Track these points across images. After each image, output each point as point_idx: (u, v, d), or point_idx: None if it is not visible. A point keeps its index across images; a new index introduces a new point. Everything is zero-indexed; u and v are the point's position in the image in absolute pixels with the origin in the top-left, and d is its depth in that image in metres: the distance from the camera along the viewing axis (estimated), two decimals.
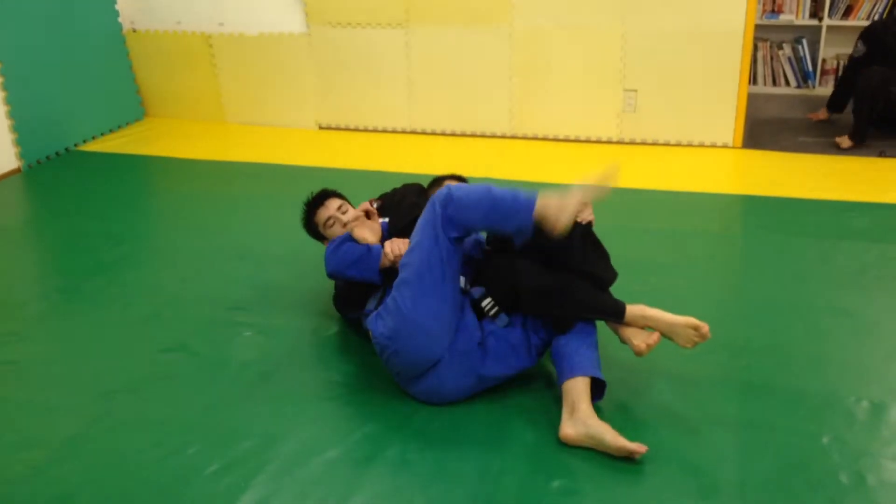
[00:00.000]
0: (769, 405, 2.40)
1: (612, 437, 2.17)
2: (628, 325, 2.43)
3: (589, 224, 2.56)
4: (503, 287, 2.48)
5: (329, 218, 2.94)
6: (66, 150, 5.20)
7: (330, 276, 2.73)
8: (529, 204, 2.25)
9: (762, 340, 2.77)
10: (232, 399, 2.56)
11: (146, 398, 2.58)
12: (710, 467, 2.15)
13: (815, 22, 6.00)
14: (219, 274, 3.47)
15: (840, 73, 5.82)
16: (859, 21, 5.90)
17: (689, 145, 4.92)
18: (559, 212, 2.21)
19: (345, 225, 2.91)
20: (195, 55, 5.60)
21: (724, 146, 4.86)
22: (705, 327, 2.33)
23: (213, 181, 4.73)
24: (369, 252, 2.61)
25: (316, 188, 3.06)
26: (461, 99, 5.22)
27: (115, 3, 5.47)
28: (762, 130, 5.14)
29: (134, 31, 5.66)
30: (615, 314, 2.43)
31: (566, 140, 5.13)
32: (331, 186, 3.08)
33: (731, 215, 4.08)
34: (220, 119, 5.75)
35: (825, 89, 6.13)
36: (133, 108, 5.77)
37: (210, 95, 5.69)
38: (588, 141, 5.09)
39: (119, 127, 5.63)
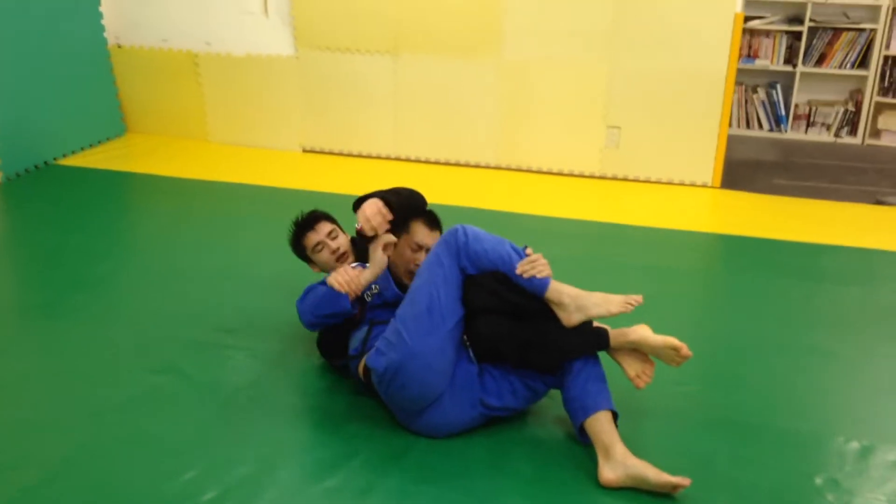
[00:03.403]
0: (761, 444, 2.45)
1: (654, 474, 2.18)
2: (615, 350, 2.46)
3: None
4: (483, 348, 2.46)
5: (318, 243, 2.91)
6: (46, 163, 5.13)
7: (310, 326, 2.69)
8: (542, 285, 2.35)
9: (751, 379, 2.83)
10: (225, 422, 2.54)
11: (137, 419, 2.54)
12: None
13: (789, 68, 6.17)
14: (204, 295, 3.44)
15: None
16: (832, 69, 6.09)
17: (670, 183, 5.01)
18: (578, 309, 2.34)
19: (333, 251, 2.90)
20: (180, 73, 5.57)
21: (704, 185, 4.97)
22: (684, 348, 2.37)
23: (195, 200, 4.71)
24: (331, 288, 2.59)
25: (300, 211, 3.02)
26: (447, 127, 5.26)
27: (101, 18, 5.44)
28: (738, 171, 5.25)
29: (119, 46, 5.63)
30: (598, 346, 2.44)
31: (549, 173, 5.19)
32: (308, 209, 3.04)
33: (712, 254, 4.17)
34: (202, 137, 5.72)
35: (797, 133, 6.31)
36: (114, 124, 5.71)
37: (194, 114, 5.66)
38: (571, 174, 5.16)
39: (99, 142, 5.58)
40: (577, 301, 2.34)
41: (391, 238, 2.62)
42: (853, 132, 6.23)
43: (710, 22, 4.66)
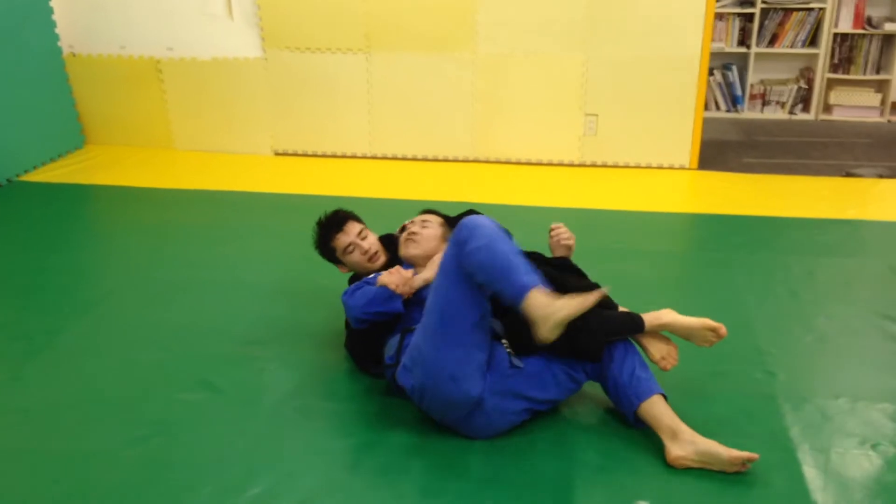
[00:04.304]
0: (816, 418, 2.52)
1: (724, 450, 2.21)
2: (646, 333, 2.49)
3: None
4: (520, 338, 2.41)
5: (350, 244, 2.87)
6: (8, 180, 4.90)
7: (357, 322, 2.62)
8: (523, 290, 2.15)
9: (782, 355, 2.89)
10: (276, 435, 2.47)
11: (183, 441, 2.45)
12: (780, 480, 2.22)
13: (743, 49, 6.34)
14: (214, 308, 3.34)
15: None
16: (784, 48, 6.28)
17: (649, 167, 5.10)
18: (545, 319, 2.11)
19: (365, 252, 2.86)
20: (142, 80, 5.39)
21: (682, 167, 5.06)
22: (723, 328, 2.43)
23: (171, 210, 4.56)
24: (384, 287, 2.56)
25: (278, 215, 2.98)
26: (423, 124, 5.23)
27: (54, 26, 5.21)
28: (706, 152, 5.37)
29: (74, 55, 5.41)
30: (634, 328, 2.47)
31: (528, 163, 5.22)
32: (290, 213, 2.99)
33: (698, 233, 4.24)
34: (167, 146, 5.55)
35: (753, 113, 6.48)
36: (73, 136, 5.49)
37: (158, 121, 5.49)
38: (550, 164, 5.20)
39: (59, 156, 5.35)
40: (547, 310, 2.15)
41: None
42: (806, 108, 6.44)
43: (681, 7, 4.74)
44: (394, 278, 2.53)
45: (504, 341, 2.43)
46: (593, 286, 2.48)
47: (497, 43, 4.97)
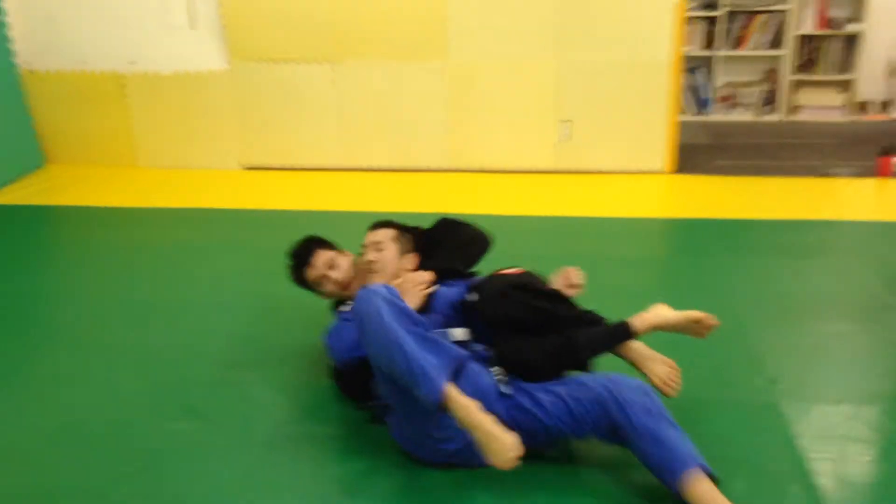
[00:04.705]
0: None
1: None
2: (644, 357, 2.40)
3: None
4: (514, 367, 2.33)
5: (320, 277, 2.75)
6: None
7: (342, 363, 2.50)
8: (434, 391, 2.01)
9: (780, 360, 2.86)
10: (270, 465, 2.34)
11: (174, 475, 2.31)
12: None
13: (708, 52, 6.37)
14: (192, 329, 3.21)
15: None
16: (749, 51, 6.32)
17: (625, 172, 5.07)
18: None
19: (336, 283, 2.73)
20: (104, 96, 5.23)
21: (658, 172, 5.04)
22: (709, 317, 2.35)
23: (137, 230, 4.43)
24: None
25: (249, 231, 2.86)
26: (395, 133, 5.15)
27: (9, 42, 5.03)
28: (678, 156, 5.35)
29: (31, 71, 5.22)
30: (624, 335, 2.38)
31: (503, 171, 5.16)
32: (262, 228, 2.86)
33: (677, 238, 4.22)
34: (131, 163, 5.38)
35: (720, 115, 6.52)
36: (32, 156, 5.30)
37: (120, 138, 5.33)
38: (525, 171, 5.15)
39: (18, 177, 5.15)
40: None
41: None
42: (773, 110, 6.49)
43: (651, 11, 4.73)
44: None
45: (495, 368, 2.31)
46: (586, 315, 2.43)
47: (468, 50, 4.92)
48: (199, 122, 5.24)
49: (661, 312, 2.40)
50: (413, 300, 2.46)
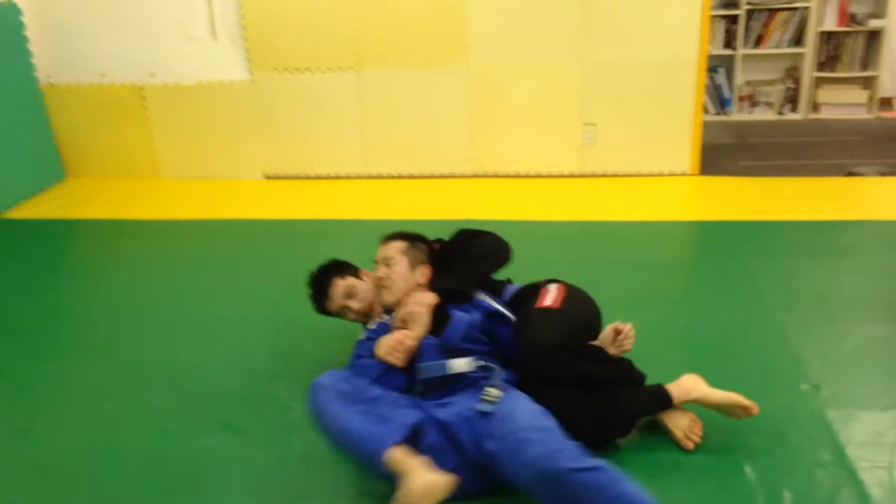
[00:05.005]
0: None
1: None
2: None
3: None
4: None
5: (340, 308, 2.72)
6: None
7: None
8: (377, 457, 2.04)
9: (823, 365, 2.81)
10: (314, 480, 2.32)
11: (215, 492, 2.30)
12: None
13: (729, 51, 6.32)
14: (226, 342, 3.20)
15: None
16: (769, 49, 6.27)
17: (650, 175, 5.02)
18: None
19: (358, 312, 2.69)
20: (124, 108, 5.22)
21: (683, 174, 4.99)
22: (755, 408, 2.30)
23: (162, 242, 4.40)
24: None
25: (275, 241, 2.82)
26: (418, 140, 5.12)
27: (30, 56, 5.03)
28: (702, 157, 5.31)
29: (52, 85, 5.22)
30: (663, 404, 2.37)
31: (527, 176, 5.12)
32: (287, 238, 2.79)
33: (706, 241, 4.15)
34: (153, 175, 5.38)
35: (742, 115, 6.46)
36: (53, 169, 5.31)
37: (142, 150, 5.32)
38: (549, 176, 5.11)
39: (41, 190, 5.16)
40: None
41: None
42: (795, 108, 6.43)
43: (677, 10, 4.68)
44: (386, 349, 2.33)
45: (488, 390, 2.23)
46: (628, 374, 2.42)
47: (489, 54, 4.88)
48: (222, 132, 5.22)
49: (702, 388, 2.37)
50: (419, 328, 2.38)
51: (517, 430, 2.02)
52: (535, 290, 2.58)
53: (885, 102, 6.33)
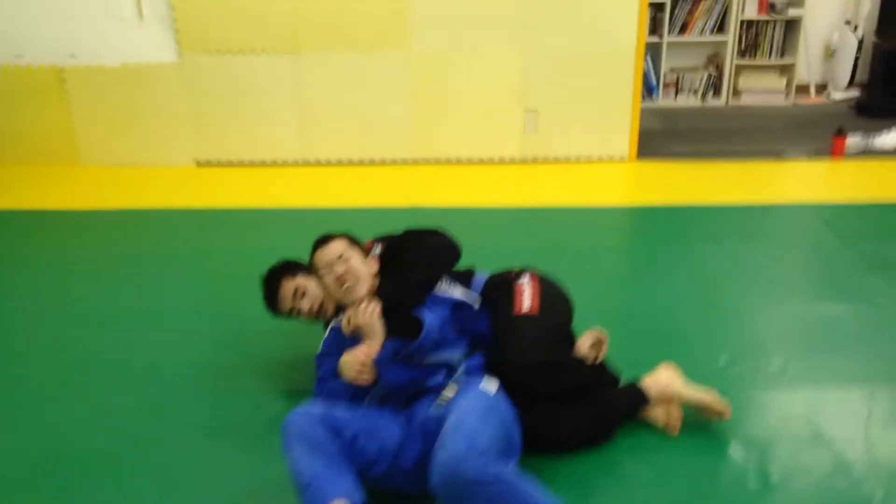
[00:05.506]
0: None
1: None
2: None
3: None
4: (543, 438, 2.28)
5: (290, 310, 2.60)
6: None
7: None
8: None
9: (784, 347, 2.89)
10: None
11: (198, 492, 2.19)
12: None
13: (655, 38, 6.43)
14: (173, 338, 3.04)
15: None
16: (694, 37, 6.41)
17: (590, 160, 5.07)
18: None
19: (308, 311, 2.57)
20: (41, 91, 4.92)
21: (622, 159, 5.06)
22: (727, 413, 2.34)
23: (89, 234, 4.17)
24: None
25: (209, 231, 2.66)
26: (358, 126, 5.01)
27: None
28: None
29: None
30: (643, 401, 2.41)
31: (469, 162, 5.09)
32: (222, 228, 2.66)
33: (663, 225, 4.21)
34: (73, 161, 5.08)
35: (667, 101, 6.60)
36: None
37: (61, 135, 5.02)
38: (491, 162, 5.09)
39: None
40: None
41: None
42: (717, 94, 6.61)
43: None
44: (353, 374, 2.25)
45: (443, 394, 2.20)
46: (603, 376, 2.46)
47: (431, 40, 4.82)
48: (149, 116, 4.98)
49: (677, 386, 2.40)
50: (376, 340, 2.27)
51: (442, 434, 1.96)
52: (507, 283, 2.54)
53: (802, 89, 6.57)
